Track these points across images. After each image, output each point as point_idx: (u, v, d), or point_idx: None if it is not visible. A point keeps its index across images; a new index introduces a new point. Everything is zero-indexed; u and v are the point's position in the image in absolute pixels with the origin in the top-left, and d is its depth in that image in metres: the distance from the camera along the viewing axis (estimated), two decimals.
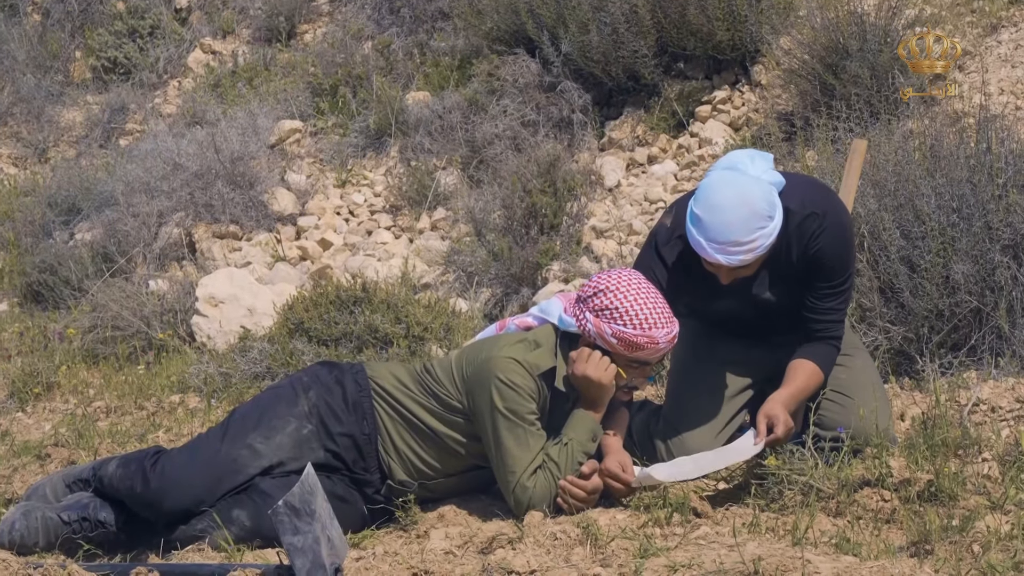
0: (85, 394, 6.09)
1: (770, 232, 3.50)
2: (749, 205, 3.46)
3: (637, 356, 3.55)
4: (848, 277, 3.74)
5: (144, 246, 8.22)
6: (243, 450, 3.53)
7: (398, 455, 3.66)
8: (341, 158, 9.09)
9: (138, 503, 3.53)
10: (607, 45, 8.04)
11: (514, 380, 3.52)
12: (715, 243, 3.49)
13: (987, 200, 4.69)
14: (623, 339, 3.51)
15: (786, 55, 7.48)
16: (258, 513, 3.42)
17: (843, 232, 3.69)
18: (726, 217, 3.47)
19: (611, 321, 3.52)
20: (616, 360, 3.57)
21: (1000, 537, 3.01)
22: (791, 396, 3.66)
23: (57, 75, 11.93)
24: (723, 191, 3.51)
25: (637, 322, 3.51)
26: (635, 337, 3.51)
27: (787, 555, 2.96)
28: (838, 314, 3.75)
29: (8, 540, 3.56)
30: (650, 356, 3.56)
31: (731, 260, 3.50)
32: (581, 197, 7.47)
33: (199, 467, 3.52)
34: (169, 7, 12.02)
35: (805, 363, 3.71)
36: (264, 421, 3.60)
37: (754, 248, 3.49)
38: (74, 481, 3.78)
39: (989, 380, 4.33)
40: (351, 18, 10.75)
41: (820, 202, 3.70)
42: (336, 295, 5.89)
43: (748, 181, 3.51)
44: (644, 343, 3.52)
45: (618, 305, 3.52)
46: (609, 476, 3.58)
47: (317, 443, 3.59)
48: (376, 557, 3.22)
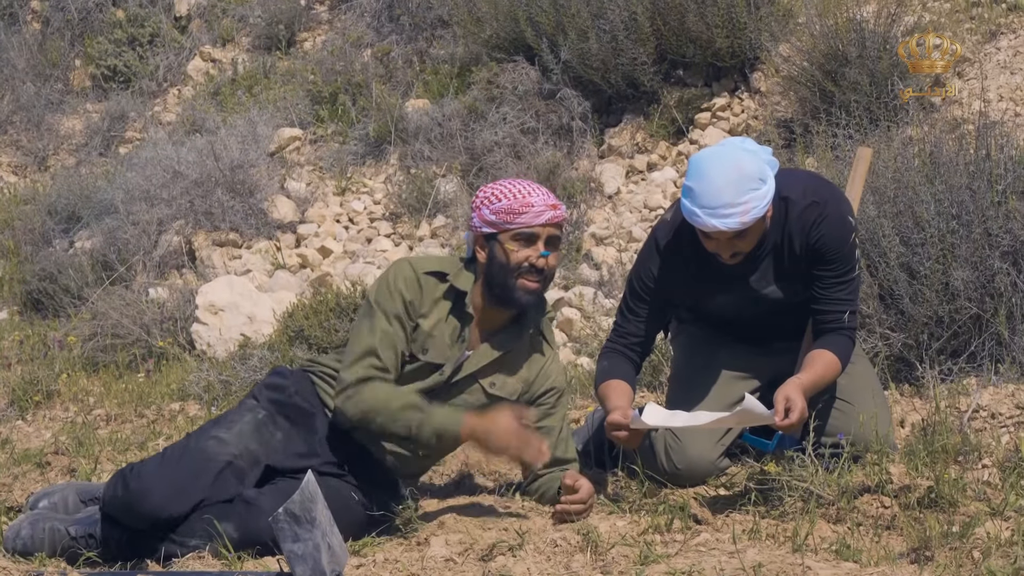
0: (85, 402, 6.09)
1: (763, 195, 3.50)
2: (739, 169, 3.49)
3: (519, 223, 3.58)
4: (853, 266, 3.71)
5: (144, 254, 8.23)
6: (209, 441, 3.59)
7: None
8: (341, 166, 9.10)
9: (121, 509, 3.53)
10: (606, 52, 8.06)
11: (394, 276, 3.63)
12: (708, 208, 3.50)
13: (986, 206, 4.69)
14: (500, 211, 3.59)
15: (785, 62, 7.49)
16: (244, 523, 3.43)
17: (845, 220, 3.69)
18: (717, 182, 3.49)
19: (488, 204, 3.62)
20: (503, 240, 3.60)
21: (1000, 543, 3.01)
22: (811, 383, 3.62)
23: (57, 83, 11.95)
24: (712, 160, 3.55)
25: (511, 194, 3.61)
26: (510, 205, 3.58)
27: (787, 562, 2.96)
28: (848, 304, 3.72)
29: (12, 547, 3.57)
30: (532, 221, 3.59)
31: (727, 223, 3.49)
32: (581, 204, 7.48)
33: (172, 464, 3.56)
34: (169, 15, 12.04)
35: (824, 353, 3.68)
36: (223, 418, 3.72)
37: (748, 210, 3.49)
38: (90, 499, 3.81)
39: (989, 386, 4.33)
40: (351, 26, 10.77)
41: (820, 191, 3.71)
42: (336, 302, 5.90)
43: (737, 151, 3.55)
44: (519, 207, 3.58)
45: (493, 191, 3.65)
46: (613, 427, 3.63)
47: (273, 426, 3.66)
48: (376, 564, 3.23)
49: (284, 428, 3.65)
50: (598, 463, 4.10)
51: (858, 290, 3.80)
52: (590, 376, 5.61)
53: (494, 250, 3.62)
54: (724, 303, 3.84)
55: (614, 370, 3.84)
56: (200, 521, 3.46)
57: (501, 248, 3.60)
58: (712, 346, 3.98)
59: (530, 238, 3.61)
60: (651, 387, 5.13)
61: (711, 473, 3.85)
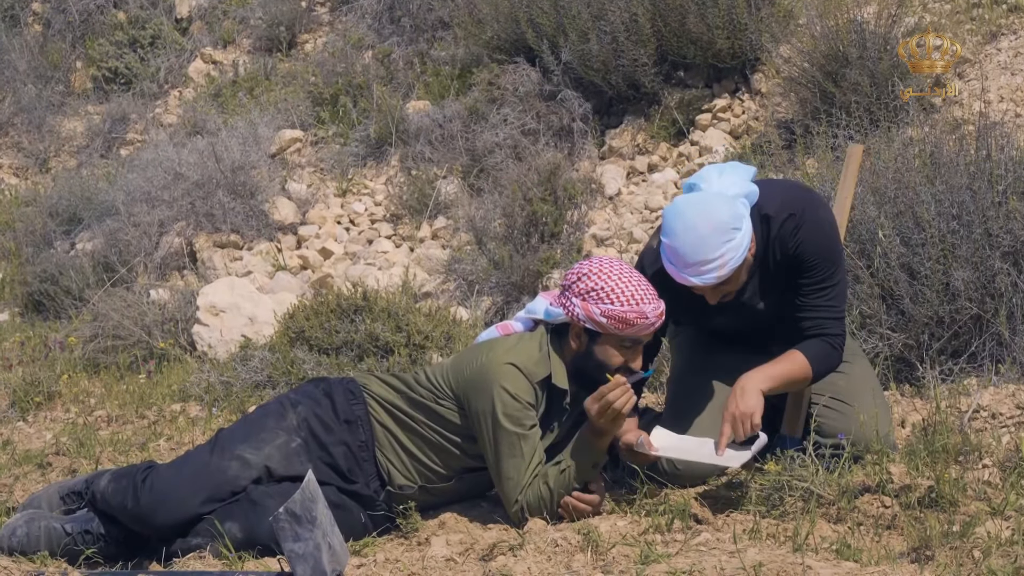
0: (86, 403, 6.09)
1: (738, 244, 3.48)
2: (711, 221, 3.45)
3: (628, 333, 3.54)
4: (835, 272, 3.68)
5: (145, 255, 8.23)
6: (232, 461, 3.54)
7: (397, 458, 3.66)
8: (342, 167, 9.10)
9: (130, 519, 3.53)
10: (607, 54, 8.06)
11: (515, 388, 3.52)
12: (685, 267, 3.49)
13: (987, 207, 4.69)
14: (612, 316, 3.51)
15: (786, 63, 7.49)
16: (249, 523, 3.43)
17: (821, 226, 3.67)
18: (689, 238, 3.47)
19: (598, 301, 3.53)
20: (608, 341, 3.56)
21: (1001, 543, 3.01)
22: (768, 374, 3.61)
23: (58, 85, 11.96)
24: (684, 214, 3.51)
25: (624, 298, 3.52)
26: (624, 313, 3.51)
27: (788, 561, 2.96)
28: (830, 311, 3.69)
29: (8, 546, 3.57)
30: (641, 332, 3.55)
31: (705, 280, 3.49)
32: (581, 205, 7.47)
33: (188, 481, 3.52)
34: (170, 17, 12.05)
35: (794, 352, 3.67)
36: (253, 434, 3.61)
37: (725, 263, 3.47)
38: (68, 493, 3.78)
39: (989, 386, 4.33)
40: (351, 27, 10.77)
41: (796, 202, 3.68)
42: (337, 304, 5.90)
43: (708, 198, 3.51)
44: (634, 318, 3.52)
45: (603, 285, 3.54)
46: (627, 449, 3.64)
47: (306, 456, 3.60)
48: (377, 564, 3.23)
49: (315, 464, 3.59)
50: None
51: (842, 297, 3.75)
52: None
53: (593, 350, 3.59)
54: (721, 322, 3.85)
55: None
56: (204, 520, 3.46)
57: (603, 350, 3.58)
58: (711, 348, 3.99)
59: (635, 346, 3.60)
60: (651, 387, 5.13)
61: (711, 474, 3.85)
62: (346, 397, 3.71)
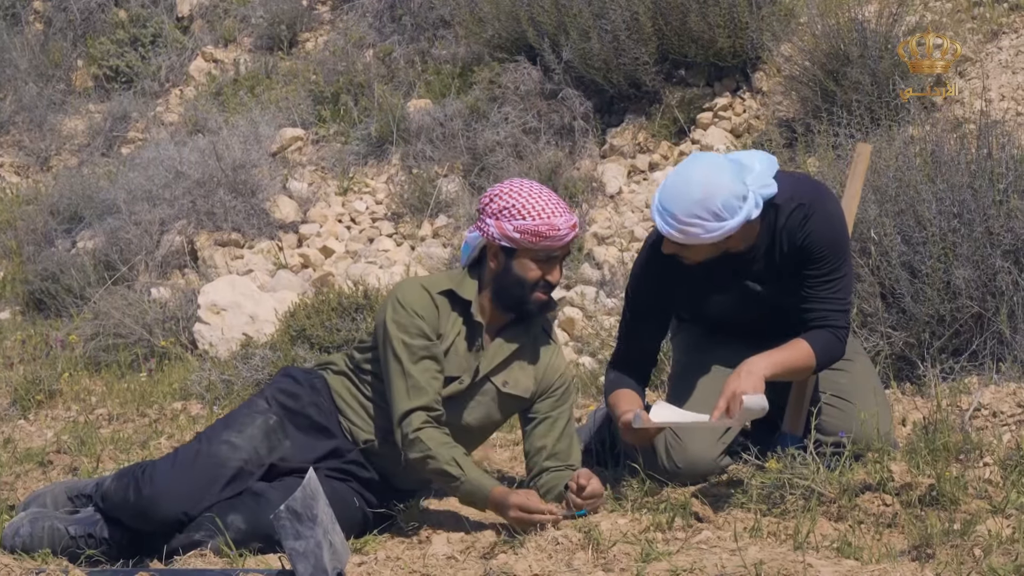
0: (87, 401, 6.10)
1: (710, 229, 3.47)
2: (704, 192, 3.46)
3: (542, 246, 3.57)
4: (841, 264, 3.67)
5: (146, 254, 8.23)
6: (222, 446, 3.60)
7: (356, 415, 3.71)
8: (343, 166, 9.10)
9: (133, 513, 3.54)
10: (608, 52, 8.06)
11: (408, 298, 3.59)
12: (659, 205, 3.53)
13: (988, 205, 4.70)
14: (525, 231, 3.55)
15: (787, 62, 7.50)
16: (253, 515, 3.44)
17: (830, 218, 3.67)
18: (679, 188, 3.50)
19: (511, 218, 3.57)
20: (524, 255, 3.59)
21: (1001, 541, 3.02)
22: (771, 361, 3.59)
23: (59, 83, 11.95)
24: (696, 166, 3.55)
25: (535, 213, 3.56)
26: (536, 227, 3.55)
27: (789, 559, 2.96)
28: (835, 303, 3.68)
29: (11, 545, 3.57)
30: (554, 244, 3.58)
31: (663, 228, 3.52)
32: (583, 204, 7.48)
33: (185, 469, 3.56)
34: (171, 16, 12.04)
35: (799, 341, 3.66)
36: (233, 423, 3.69)
37: (685, 231, 3.49)
38: (77, 495, 3.80)
39: (990, 385, 4.33)
40: (352, 26, 10.77)
41: (806, 193, 3.69)
42: (338, 302, 5.90)
43: (726, 176, 3.50)
44: (546, 231, 3.56)
45: (513, 203, 3.59)
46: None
47: (283, 432, 3.66)
48: (378, 562, 3.23)
49: (293, 435, 3.66)
50: (600, 462, 4.11)
51: (848, 290, 3.74)
52: (591, 375, 5.62)
53: (511, 266, 3.62)
54: (721, 303, 3.83)
55: (621, 381, 3.87)
56: (205, 516, 3.47)
57: (520, 265, 3.61)
58: (712, 344, 3.98)
59: (550, 259, 3.62)
60: (652, 386, 5.13)
61: (712, 471, 3.85)
62: (304, 372, 3.83)
